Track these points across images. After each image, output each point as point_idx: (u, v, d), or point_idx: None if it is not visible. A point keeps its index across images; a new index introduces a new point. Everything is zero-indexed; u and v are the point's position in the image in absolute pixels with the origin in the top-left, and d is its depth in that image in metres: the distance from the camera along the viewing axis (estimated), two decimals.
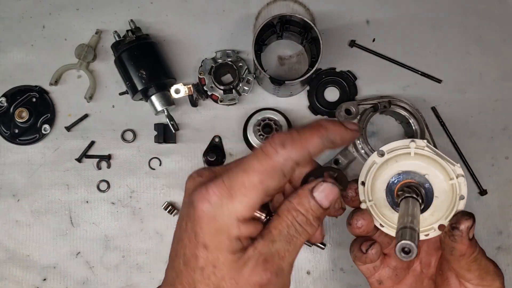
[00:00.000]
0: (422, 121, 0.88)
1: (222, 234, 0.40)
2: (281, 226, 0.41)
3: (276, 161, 0.40)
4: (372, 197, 0.49)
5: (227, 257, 0.40)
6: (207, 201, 0.40)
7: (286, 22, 0.88)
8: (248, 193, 0.39)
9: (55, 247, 0.92)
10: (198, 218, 0.40)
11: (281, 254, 0.41)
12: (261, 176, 0.39)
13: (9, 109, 0.93)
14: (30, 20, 0.96)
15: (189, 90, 0.88)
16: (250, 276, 0.40)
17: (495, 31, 0.96)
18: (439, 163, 0.48)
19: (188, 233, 0.41)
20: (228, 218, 0.40)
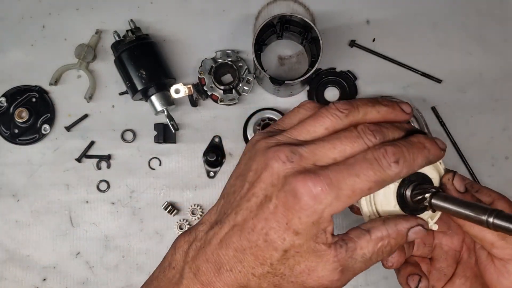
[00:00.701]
0: (422, 121, 0.88)
1: (315, 226, 0.40)
2: (367, 250, 0.42)
3: (388, 176, 0.40)
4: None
5: (310, 246, 0.41)
6: (313, 196, 0.39)
7: (286, 22, 0.88)
8: (353, 197, 0.40)
9: (55, 247, 0.92)
10: (300, 209, 0.40)
11: (356, 272, 0.42)
12: (372, 185, 0.40)
13: (9, 109, 0.93)
14: (30, 20, 0.96)
15: (189, 90, 0.88)
16: (323, 277, 0.41)
17: (496, 31, 0.96)
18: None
19: (277, 216, 0.40)
20: (328, 215, 0.40)
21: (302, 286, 0.42)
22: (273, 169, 0.41)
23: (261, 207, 0.42)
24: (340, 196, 0.39)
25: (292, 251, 0.41)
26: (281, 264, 0.41)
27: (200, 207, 0.92)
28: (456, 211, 0.42)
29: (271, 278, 0.43)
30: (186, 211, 0.92)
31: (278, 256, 0.41)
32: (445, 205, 0.43)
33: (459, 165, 0.93)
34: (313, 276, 0.42)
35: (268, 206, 0.41)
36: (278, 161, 0.41)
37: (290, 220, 0.40)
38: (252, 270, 0.42)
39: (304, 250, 0.41)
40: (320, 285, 0.42)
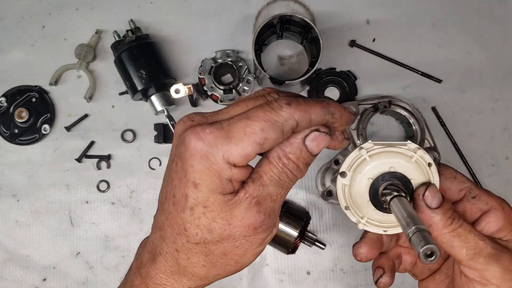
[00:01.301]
0: (422, 121, 0.88)
1: (213, 174, 0.39)
2: (272, 172, 0.41)
3: (280, 116, 0.40)
4: (363, 214, 0.50)
5: (218, 198, 0.40)
6: (201, 139, 0.39)
7: (286, 22, 0.88)
8: (246, 139, 0.39)
9: (55, 247, 0.92)
10: (190, 156, 0.39)
11: (273, 197, 0.42)
12: (264, 125, 0.39)
13: (9, 109, 0.93)
14: (30, 20, 0.96)
15: (189, 90, 0.88)
16: (244, 218, 0.40)
17: (496, 30, 0.96)
18: (393, 151, 0.48)
19: (178, 173, 0.41)
20: (222, 159, 0.39)
21: (231, 241, 0.41)
22: (176, 133, 0.42)
23: (168, 170, 0.42)
24: (231, 138, 0.39)
25: (200, 208, 0.40)
26: (195, 226, 0.40)
27: None
28: (398, 218, 0.43)
29: (195, 248, 0.41)
30: None
31: (188, 217, 0.40)
32: (395, 210, 0.44)
33: (459, 165, 0.93)
34: (235, 224, 0.40)
35: (172, 166, 0.42)
36: (179, 123, 0.42)
37: (187, 171, 0.39)
38: (175, 245, 0.42)
39: (212, 203, 0.40)
40: (246, 229, 0.41)
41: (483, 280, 0.44)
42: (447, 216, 0.45)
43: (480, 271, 0.44)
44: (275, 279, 0.91)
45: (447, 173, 0.51)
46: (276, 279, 0.91)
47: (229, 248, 0.42)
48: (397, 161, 0.48)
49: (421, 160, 0.48)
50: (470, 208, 0.49)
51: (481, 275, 0.44)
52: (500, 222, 0.47)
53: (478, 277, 0.45)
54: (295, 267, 0.92)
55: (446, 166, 0.51)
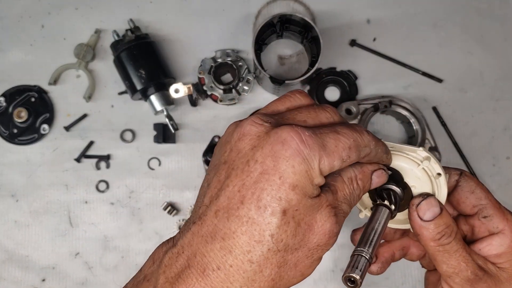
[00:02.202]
0: (423, 121, 0.88)
1: (309, 178, 0.38)
2: (345, 191, 0.43)
3: (363, 140, 0.42)
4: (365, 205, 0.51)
5: (308, 202, 0.39)
6: (303, 142, 0.38)
7: (286, 21, 0.88)
8: (336, 152, 0.39)
9: (54, 248, 0.91)
10: (291, 156, 0.37)
11: (344, 213, 0.42)
12: (352, 143, 0.40)
13: (8, 109, 0.93)
14: (29, 20, 0.96)
15: (189, 90, 0.88)
16: (324, 225, 0.40)
17: (497, 30, 0.96)
18: (401, 155, 0.48)
19: (269, 174, 0.37)
20: (317, 165, 0.38)
21: (306, 250, 0.40)
22: (251, 133, 0.40)
23: (246, 173, 0.38)
24: (325, 148, 0.39)
25: (291, 211, 0.38)
26: (283, 231, 0.38)
27: None
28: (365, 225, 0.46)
29: (274, 258, 0.38)
30: (185, 211, 0.92)
31: (278, 221, 0.37)
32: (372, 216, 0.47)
33: (460, 165, 0.93)
34: (315, 231, 0.39)
35: (255, 167, 0.38)
36: (254, 125, 0.40)
37: (283, 171, 0.37)
38: (248, 255, 0.37)
39: (302, 206, 0.38)
40: (323, 236, 0.40)
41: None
42: (437, 230, 0.45)
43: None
44: None
45: (466, 186, 0.50)
46: None
47: (302, 258, 0.40)
48: (402, 165, 0.48)
49: (428, 169, 0.47)
50: (479, 226, 0.49)
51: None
52: (502, 248, 0.47)
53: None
54: None
55: (468, 178, 0.50)
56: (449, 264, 0.45)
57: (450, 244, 0.45)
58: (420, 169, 0.47)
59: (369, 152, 0.43)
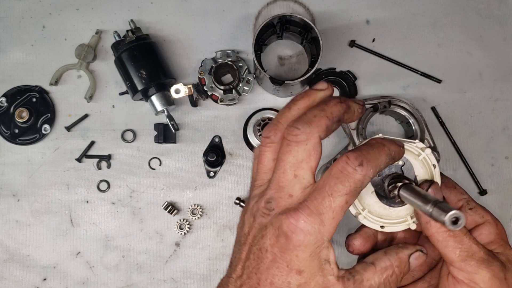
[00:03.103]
0: (422, 121, 0.88)
1: (315, 258, 0.42)
2: (373, 280, 0.44)
3: (357, 180, 0.41)
4: (364, 206, 0.49)
5: (318, 281, 0.42)
6: (300, 230, 0.41)
7: (286, 22, 0.88)
8: (336, 216, 0.41)
9: (55, 247, 0.92)
10: (294, 248, 0.41)
11: None
12: (346, 197, 0.41)
13: (9, 109, 0.93)
14: (30, 20, 0.96)
15: (189, 90, 0.88)
16: None
17: (495, 31, 0.96)
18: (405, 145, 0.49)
19: (278, 262, 0.42)
20: (321, 242, 0.42)
21: None
22: (260, 224, 0.44)
23: (260, 260, 0.43)
24: (324, 221, 0.41)
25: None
26: None
27: (200, 207, 0.92)
28: (412, 202, 0.44)
29: None
30: (186, 211, 0.93)
31: None
32: (406, 195, 0.45)
33: (459, 165, 0.93)
34: None
35: (267, 256, 0.43)
36: (261, 215, 0.44)
37: (290, 261, 0.41)
38: None
39: (314, 285, 0.42)
40: None
41: (471, 283, 0.45)
42: None
43: (470, 274, 0.45)
44: None
45: (448, 182, 0.51)
46: None
47: None
48: (403, 157, 0.49)
49: (427, 159, 0.48)
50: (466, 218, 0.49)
51: (470, 277, 0.45)
52: (492, 236, 0.48)
53: (466, 279, 0.45)
54: None
55: (447, 177, 0.52)
56: (463, 248, 0.45)
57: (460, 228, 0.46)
58: (420, 160, 0.48)
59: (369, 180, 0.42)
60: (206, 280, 0.91)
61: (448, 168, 0.93)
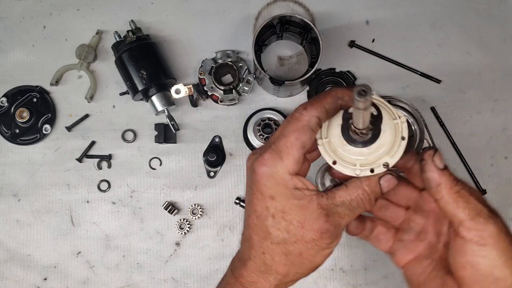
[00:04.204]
0: (421, 121, 0.89)
1: (282, 186, 0.50)
2: (345, 197, 0.50)
3: (303, 120, 0.50)
4: (328, 135, 0.52)
5: (293, 203, 0.50)
6: (263, 164, 0.50)
7: (286, 22, 0.89)
8: (290, 151, 0.49)
9: (56, 247, 0.92)
10: (261, 179, 0.50)
11: (341, 215, 0.51)
12: (296, 134, 0.50)
13: (10, 109, 0.93)
14: (31, 21, 0.96)
15: (190, 90, 0.88)
16: (314, 223, 0.50)
17: (495, 31, 0.97)
18: (385, 107, 0.51)
19: (255, 194, 0.51)
20: (283, 174, 0.49)
21: (304, 242, 0.50)
22: (247, 168, 0.53)
23: (248, 197, 0.53)
24: (282, 156, 0.49)
25: (279, 214, 0.50)
26: (276, 229, 0.50)
27: (201, 207, 0.92)
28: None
29: (277, 248, 0.51)
30: (186, 211, 0.93)
31: (270, 222, 0.51)
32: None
33: (459, 164, 0.93)
34: (307, 227, 0.50)
35: (249, 191, 0.53)
36: (247, 161, 0.53)
37: (261, 190, 0.51)
38: (261, 249, 0.52)
39: (289, 208, 0.50)
40: (314, 233, 0.50)
41: (481, 240, 0.47)
42: (452, 177, 0.49)
43: (479, 231, 0.47)
44: None
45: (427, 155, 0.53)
46: None
47: (303, 249, 0.51)
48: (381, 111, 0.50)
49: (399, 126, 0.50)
50: None
51: (480, 235, 0.47)
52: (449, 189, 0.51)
53: (476, 237, 0.47)
54: None
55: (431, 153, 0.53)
56: (471, 207, 0.48)
57: (464, 189, 0.49)
58: (393, 123, 0.50)
59: (318, 120, 0.50)
60: (206, 280, 0.91)
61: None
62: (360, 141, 0.49)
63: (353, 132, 0.49)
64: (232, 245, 0.92)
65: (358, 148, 0.50)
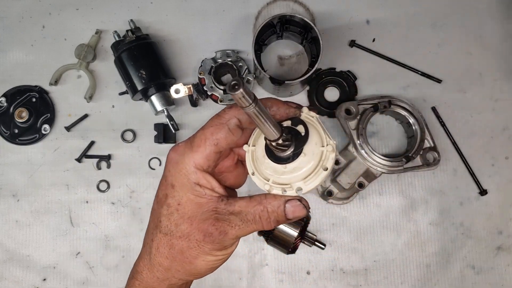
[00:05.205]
0: (422, 121, 0.88)
1: (184, 176, 0.50)
2: (243, 207, 0.49)
3: (223, 118, 0.50)
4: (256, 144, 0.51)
5: (190, 197, 0.50)
6: (175, 151, 0.51)
7: (286, 22, 0.88)
8: (203, 144, 0.49)
9: (55, 247, 0.92)
10: (168, 163, 0.51)
11: (231, 224, 0.49)
12: (212, 129, 0.50)
13: (9, 109, 0.93)
14: (30, 20, 0.96)
15: (189, 90, 0.88)
16: (201, 223, 0.49)
17: (496, 31, 0.96)
18: (319, 132, 0.49)
19: (162, 179, 0.52)
20: (188, 164, 0.50)
21: (188, 240, 0.49)
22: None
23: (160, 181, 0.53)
24: (194, 146, 0.50)
25: (174, 205, 0.50)
26: (167, 219, 0.50)
27: None
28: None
29: (164, 239, 0.50)
30: None
31: (164, 211, 0.50)
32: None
33: (459, 165, 0.93)
34: (194, 225, 0.49)
35: (161, 179, 0.53)
36: (170, 150, 0.53)
37: (166, 176, 0.51)
38: (151, 236, 0.52)
39: (185, 201, 0.49)
40: (198, 233, 0.49)
41: None
42: None
43: None
44: (275, 279, 0.91)
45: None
46: (276, 279, 0.91)
47: (185, 247, 0.50)
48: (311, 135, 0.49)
49: (324, 154, 0.48)
50: None
51: None
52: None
53: None
54: (295, 267, 0.92)
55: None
56: None
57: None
58: (320, 150, 0.48)
59: (237, 121, 0.49)
60: (206, 280, 0.91)
61: (449, 168, 0.93)
62: (278, 156, 0.47)
63: (270, 145, 0.47)
64: None
65: (274, 163, 0.48)
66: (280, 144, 0.46)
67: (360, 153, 0.87)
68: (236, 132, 0.50)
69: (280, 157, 0.48)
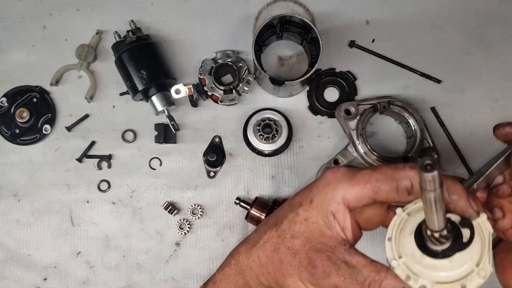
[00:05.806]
0: (421, 121, 0.89)
1: (326, 200, 0.48)
2: (360, 268, 0.46)
3: (398, 174, 0.47)
4: (402, 254, 0.45)
5: (319, 221, 0.49)
6: (333, 173, 0.49)
7: (286, 22, 0.89)
8: (363, 184, 0.47)
9: (56, 247, 0.92)
10: (321, 179, 0.50)
11: (339, 272, 0.46)
12: (380, 176, 0.47)
13: (10, 109, 0.93)
14: (31, 21, 0.96)
15: (189, 91, 0.88)
16: (312, 251, 0.48)
17: (495, 31, 0.96)
18: (482, 249, 0.44)
19: (306, 187, 0.52)
20: (338, 192, 0.48)
21: (292, 255, 0.49)
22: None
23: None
24: (353, 180, 0.47)
25: (302, 217, 0.49)
26: (288, 225, 0.50)
27: (200, 207, 0.92)
28: None
29: (274, 238, 0.50)
30: (186, 211, 0.93)
31: (289, 214, 0.50)
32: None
33: (459, 165, 0.93)
34: (307, 246, 0.48)
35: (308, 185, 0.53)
36: (328, 170, 0.52)
37: (312, 188, 0.51)
38: (268, 229, 0.52)
39: (312, 222, 0.49)
40: (308, 258, 0.48)
41: None
42: None
43: None
44: None
45: None
46: None
47: (287, 260, 0.49)
48: None
49: (481, 226, 0.45)
50: None
51: None
52: None
53: None
54: None
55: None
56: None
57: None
58: (476, 222, 0.45)
59: (410, 185, 0.46)
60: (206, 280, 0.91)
61: (448, 169, 0.93)
62: (424, 243, 0.43)
63: (425, 228, 0.42)
64: (232, 245, 0.92)
65: (416, 247, 0.43)
66: (435, 237, 0.42)
67: (359, 153, 0.87)
68: (402, 194, 0.46)
69: (426, 245, 0.43)
